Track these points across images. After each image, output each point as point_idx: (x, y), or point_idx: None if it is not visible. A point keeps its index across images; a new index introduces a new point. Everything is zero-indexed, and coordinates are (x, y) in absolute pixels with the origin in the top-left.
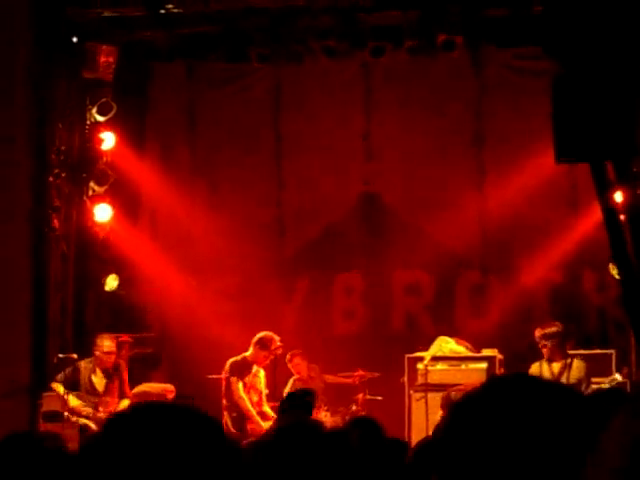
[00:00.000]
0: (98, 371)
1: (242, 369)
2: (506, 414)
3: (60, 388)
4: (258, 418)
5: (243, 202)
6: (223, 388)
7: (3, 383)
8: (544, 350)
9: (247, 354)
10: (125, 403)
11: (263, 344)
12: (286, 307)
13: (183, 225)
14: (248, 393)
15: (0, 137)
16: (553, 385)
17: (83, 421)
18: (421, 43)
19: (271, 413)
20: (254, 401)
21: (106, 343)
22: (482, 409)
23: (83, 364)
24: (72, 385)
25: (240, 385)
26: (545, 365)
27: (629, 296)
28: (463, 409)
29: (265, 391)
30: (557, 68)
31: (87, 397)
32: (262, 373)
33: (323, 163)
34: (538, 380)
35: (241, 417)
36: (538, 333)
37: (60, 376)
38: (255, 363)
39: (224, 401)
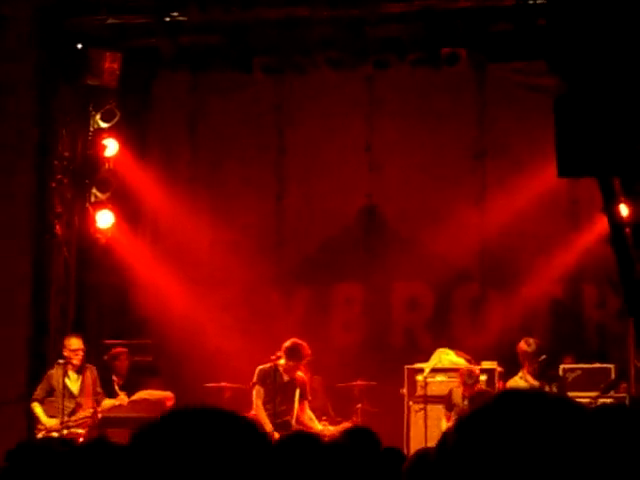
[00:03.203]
0: (71, 374)
1: (265, 377)
2: (518, 430)
3: (38, 409)
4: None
5: (243, 212)
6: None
7: (1, 390)
8: (534, 366)
9: (280, 362)
10: (107, 403)
11: (290, 353)
12: (285, 318)
13: (183, 233)
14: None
15: (3, 143)
16: (565, 401)
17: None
18: (425, 56)
19: (315, 421)
20: (280, 410)
21: (73, 341)
22: (493, 425)
23: (54, 371)
24: (49, 394)
25: (259, 392)
26: (522, 382)
27: (635, 310)
28: (472, 423)
29: (299, 400)
30: (560, 83)
31: (63, 402)
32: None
33: (324, 174)
34: (548, 395)
35: (284, 424)
36: (529, 348)
37: (38, 392)
38: (286, 373)
39: None
